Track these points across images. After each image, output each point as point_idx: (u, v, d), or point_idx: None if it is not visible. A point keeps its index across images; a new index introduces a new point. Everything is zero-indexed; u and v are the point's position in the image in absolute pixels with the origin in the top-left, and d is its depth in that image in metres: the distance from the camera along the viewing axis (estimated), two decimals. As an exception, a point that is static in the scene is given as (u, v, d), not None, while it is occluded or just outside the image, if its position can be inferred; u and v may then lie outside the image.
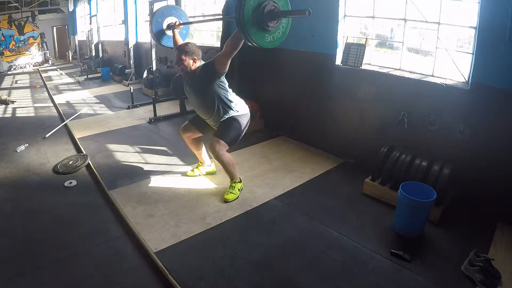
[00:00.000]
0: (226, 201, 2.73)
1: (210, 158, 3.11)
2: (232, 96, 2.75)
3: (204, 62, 2.75)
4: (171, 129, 4.67)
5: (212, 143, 2.66)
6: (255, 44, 2.11)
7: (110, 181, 3.06)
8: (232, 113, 2.73)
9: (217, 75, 2.62)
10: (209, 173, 3.19)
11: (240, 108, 2.78)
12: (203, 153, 3.12)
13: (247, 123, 2.83)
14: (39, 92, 7.71)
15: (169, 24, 3.14)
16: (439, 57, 2.83)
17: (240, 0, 2.01)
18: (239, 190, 2.83)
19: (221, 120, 2.72)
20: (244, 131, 2.81)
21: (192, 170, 3.19)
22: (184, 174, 3.22)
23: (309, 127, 3.91)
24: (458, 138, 2.65)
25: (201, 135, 3.02)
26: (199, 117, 2.93)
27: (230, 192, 2.78)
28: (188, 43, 2.73)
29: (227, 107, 2.70)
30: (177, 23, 3.09)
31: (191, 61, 2.66)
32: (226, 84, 2.72)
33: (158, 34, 3.18)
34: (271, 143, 4.01)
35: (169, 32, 3.18)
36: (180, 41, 3.04)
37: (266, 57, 4.25)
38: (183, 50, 2.65)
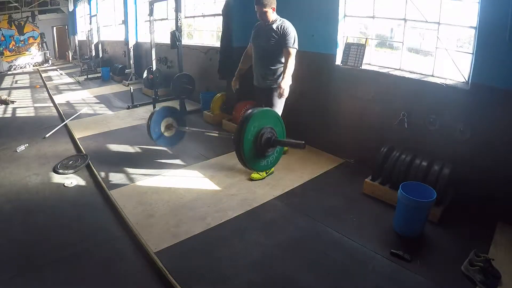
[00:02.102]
0: (251, 179, 3.00)
1: None
2: None
3: (281, 23, 2.89)
4: (171, 129, 4.67)
5: None
6: (259, 172, 2.38)
7: (110, 181, 3.07)
8: (276, 84, 2.93)
9: None
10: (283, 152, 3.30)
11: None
12: None
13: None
14: (39, 92, 7.71)
15: (167, 125, 3.34)
16: (439, 57, 2.84)
17: (239, 131, 2.11)
18: (266, 173, 2.98)
19: (268, 83, 3.00)
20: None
21: None
22: (184, 174, 3.22)
23: (309, 127, 3.90)
24: (458, 138, 2.65)
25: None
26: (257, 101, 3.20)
27: (257, 172, 2.94)
28: None
29: (280, 73, 2.95)
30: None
31: (270, 10, 2.84)
32: None
33: (156, 136, 3.34)
34: (271, 143, 4.00)
35: (167, 133, 3.37)
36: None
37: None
38: (262, 4, 2.78)
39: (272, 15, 2.86)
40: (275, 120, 2.29)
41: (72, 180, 3.13)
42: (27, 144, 4.02)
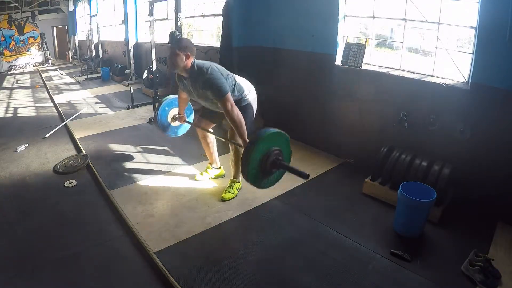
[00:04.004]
0: (223, 200, 2.74)
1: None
2: (238, 85, 2.63)
3: (204, 72, 2.47)
4: (171, 129, 4.67)
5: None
6: (261, 188, 2.24)
7: (110, 181, 3.06)
8: (241, 103, 2.63)
9: None
10: (217, 176, 3.14)
11: (247, 93, 2.68)
12: (214, 153, 3.06)
13: (255, 106, 2.78)
14: (39, 92, 7.72)
15: (174, 116, 3.16)
16: (439, 57, 2.83)
17: (248, 149, 2.07)
18: (237, 190, 2.83)
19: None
20: (255, 113, 2.80)
21: (201, 173, 3.14)
22: (184, 173, 3.22)
23: (309, 127, 3.91)
24: (458, 138, 2.65)
25: (214, 124, 2.94)
26: (207, 109, 2.86)
27: (228, 191, 2.79)
28: (182, 38, 2.56)
29: (236, 100, 2.56)
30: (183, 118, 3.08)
31: (184, 57, 2.46)
32: (229, 84, 2.55)
33: (166, 129, 3.20)
34: (271, 143, 4.00)
35: (174, 123, 3.20)
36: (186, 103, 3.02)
37: (266, 57, 4.25)
38: (176, 44, 2.49)
39: (185, 63, 2.49)
40: (284, 142, 2.27)
41: (72, 180, 3.13)
42: (27, 144, 4.02)
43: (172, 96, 3.21)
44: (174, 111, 3.16)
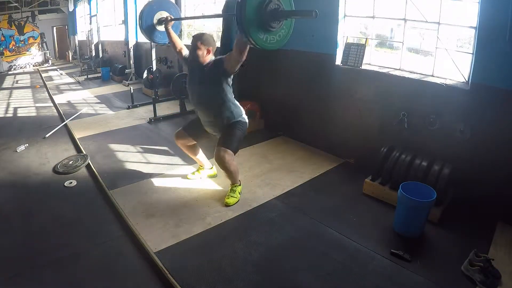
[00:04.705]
0: (227, 205, 2.70)
1: (212, 165, 3.14)
2: (235, 100, 2.70)
3: (215, 58, 2.63)
4: (171, 129, 4.66)
5: (219, 152, 2.55)
6: (256, 45, 2.03)
7: (110, 181, 3.06)
8: (234, 119, 2.66)
9: (226, 75, 2.55)
10: (210, 176, 3.15)
11: (241, 114, 2.72)
12: (201, 157, 3.06)
13: (246, 130, 2.77)
14: (39, 92, 7.72)
15: (160, 19, 3.00)
16: (439, 57, 2.84)
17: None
18: (239, 193, 2.82)
19: (223, 124, 2.65)
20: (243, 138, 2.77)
21: (193, 173, 3.15)
22: (184, 173, 3.21)
23: (309, 127, 3.91)
24: (458, 138, 2.65)
25: (195, 142, 2.95)
26: (194, 124, 2.88)
27: (231, 196, 2.76)
28: (204, 33, 2.64)
29: (230, 110, 2.63)
30: (169, 18, 2.97)
31: (205, 51, 2.56)
32: (231, 89, 2.66)
33: (148, 30, 3.02)
34: (271, 143, 4.00)
35: (159, 28, 3.04)
36: (177, 39, 2.97)
37: (266, 57, 4.24)
38: (199, 38, 2.56)
39: (205, 57, 2.59)
40: None
41: (72, 180, 3.13)
42: (27, 144, 4.02)
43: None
44: (162, 14, 2.98)
